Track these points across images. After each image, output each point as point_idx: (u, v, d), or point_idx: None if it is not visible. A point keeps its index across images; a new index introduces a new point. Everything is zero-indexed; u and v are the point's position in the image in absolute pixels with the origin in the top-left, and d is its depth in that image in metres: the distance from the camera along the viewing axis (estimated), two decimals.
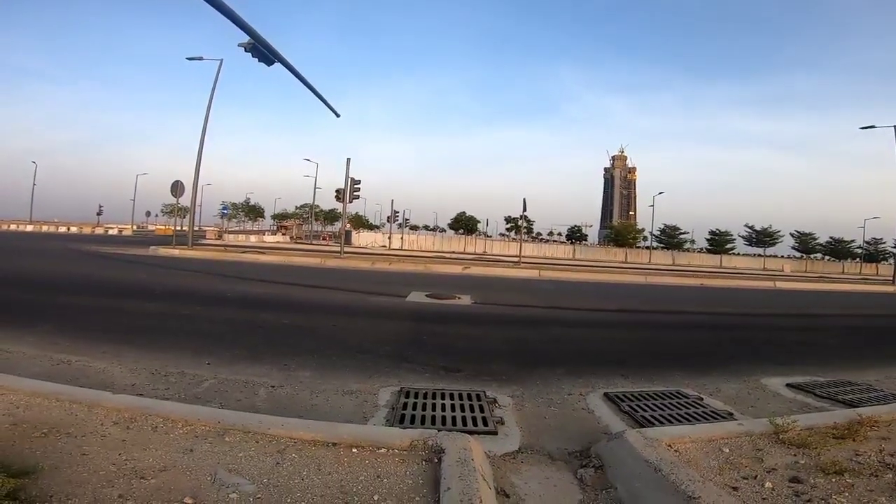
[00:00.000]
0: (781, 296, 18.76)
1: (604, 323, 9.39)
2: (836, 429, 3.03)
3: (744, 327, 9.69)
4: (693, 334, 8.52)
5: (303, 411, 3.46)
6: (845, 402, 4.30)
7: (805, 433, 2.91)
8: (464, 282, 15.36)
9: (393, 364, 4.95)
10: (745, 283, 23.32)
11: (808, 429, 3.01)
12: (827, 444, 2.80)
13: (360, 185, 23.81)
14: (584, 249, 73.43)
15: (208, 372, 4.31)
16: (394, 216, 53.16)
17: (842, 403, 4.25)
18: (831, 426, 3.08)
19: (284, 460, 2.37)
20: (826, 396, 4.50)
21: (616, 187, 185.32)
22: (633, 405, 3.94)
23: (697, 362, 5.88)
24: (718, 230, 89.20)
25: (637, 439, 2.73)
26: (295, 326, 6.86)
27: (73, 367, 4.24)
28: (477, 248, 62.35)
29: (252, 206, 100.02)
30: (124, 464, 2.23)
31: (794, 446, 2.80)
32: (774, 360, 6.23)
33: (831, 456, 2.64)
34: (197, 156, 22.90)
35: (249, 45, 9.88)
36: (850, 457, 2.68)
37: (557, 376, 4.82)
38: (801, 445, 2.79)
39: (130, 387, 3.80)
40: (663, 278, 22.88)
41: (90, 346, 4.94)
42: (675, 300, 14.41)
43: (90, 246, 25.16)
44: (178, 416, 2.77)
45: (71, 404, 2.87)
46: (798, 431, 2.91)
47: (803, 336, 8.97)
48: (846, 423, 3.08)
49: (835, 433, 2.97)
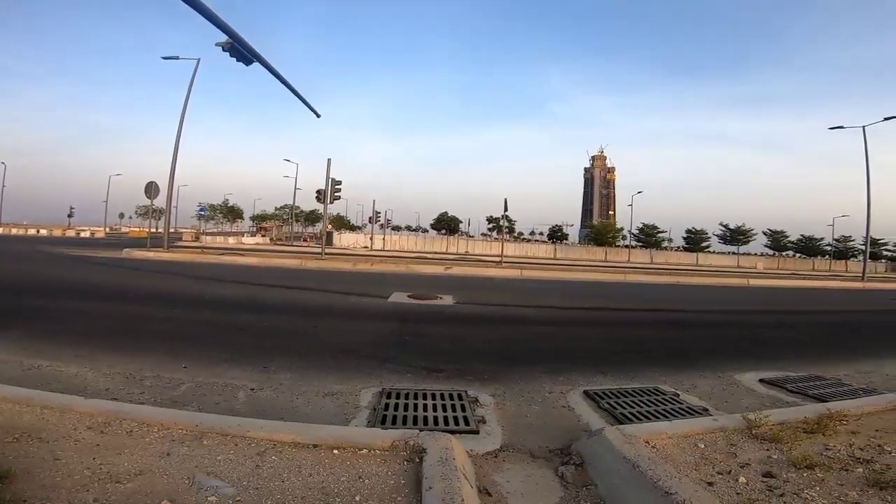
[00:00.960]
0: (755, 293, 19.18)
1: (584, 321, 9.50)
2: (807, 423, 3.10)
3: (719, 324, 9.89)
4: (670, 331, 8.66)
5: (283, 413, 3.43)
6: (815, 396, 4.41)
7: (777, 428, 2.99)
8: (446, 282, 15.38)
9: (374, 365, 4.93)
10: (719, 281, 23.84)
11: (780, 423, 3.08)
12: (798, 439, 2.88)
13: (341, 185, 23.58)
14: (565, 248, 74.08)
15: (185, 375, 4.23)
16: (375, 217, 52.99)
17: (812, 398, 4.36)
18: (802, 421, 3.16)
19: (264, 463, 2.35)
20: (797, 391, 4.61)
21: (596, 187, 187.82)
22: (612, 402, 4.00)
23: (674, 359, 5.98)
24: (694, 229, 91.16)
25: (616, 436, 2.77)
26: (275, 328, 6.78)
27: (44, 372, 4.13)
28: (459, 248, 62.37)
29: (230, 207, 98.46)
30: (99, 468, 2.19)
31: (766, 441, 2.87)
32: (748, 355, 6.37)
33: (802, 450, 2.71)
34: (172, 156, 22.40)
35: (227, 44, 9.76)
36: (820, 451, 2.76)
37: (538, 375, 4.86)
38: (773, 440, 2.86)
39: (104, 391, 3.72)
40: (641, 276, 23.23)
41: (62, 350, 4.81)
42: (653, 298, 14.63)
43: (62, 249, 24.48)
44: (153, 419, 2.72)
45: (42, 409, 2.79)
46: (770, 426, 2.99)
47: (776, 332, 9.19)
48: (816, 417, 3.16)
49: (805, 427, 3.05)
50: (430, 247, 61.49)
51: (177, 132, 22.66)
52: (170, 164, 22.35)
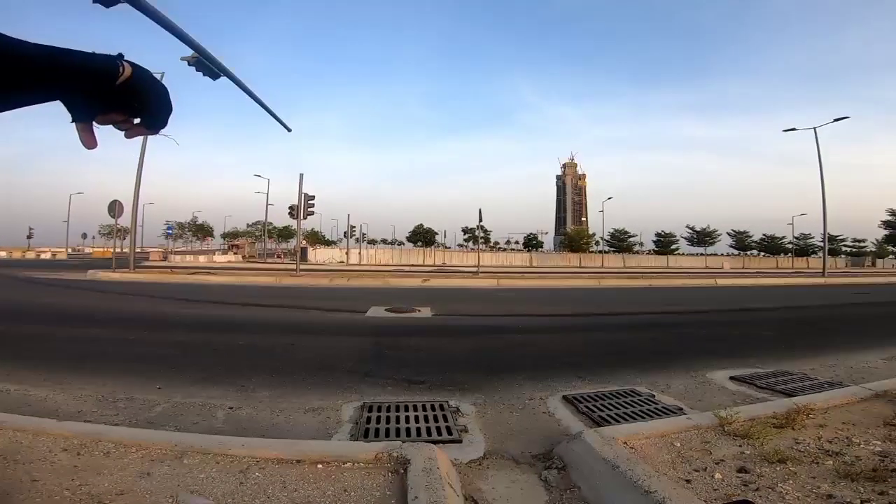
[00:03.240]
0: (722, 292, 19.67)
1: (561, 327, 9.62)
2: (776, 418, 3.22)
3: (690, 324, 10.10)
4: (644, 334, 8.84)
5: (264, 431, 3.40)
6: (783, 391, 4.56)
7: (748, 424, 3.09)
8: (423, 294, 15.37)
9: (355, 379, 4.90)
10: (689, 282, 24.44)
11: (751, 419, 3.19)
12: (769, 434, 2.97)
13: (314, 200, 23.36)
14: (541, 256, 74.84)
15: (160, 396, 4.14)
16: (351, 231, 52.64)
17: (780, 393, 4.51)
18: (771, 416, 3.28)
19: (248, 479, 2.33)
20: (766, 387, 4.77)
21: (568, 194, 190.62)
22: (591, 406, 4.08)
23: (649, 361, 6.10)
24: (664, 232, 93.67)
25: (595, 439, 2.84)
26: (251, 347, 6.68)
27: (12, 396, 4.01)
28: (436, 259, 62.40)
29: (200, 224, 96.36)
30: (79, 489, 2.14)
31: (738, 437, 2.97)
32: (718, 354, 6.54)
33: (773, 445, 2.81)
34: (137, 173, 21.80)
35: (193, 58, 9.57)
36: (790, 445, 2.87)
37: (518, 382, 4.91)
38: (744, 436, 2.96)
39: (77, 413, 3.62)
40: (615, 281, 23.65)
41: (29, 374, 4.67)
42: (627, 301, 14.90)
43: (22, 271, 23.62)
44: (130, 440, 2.67)
45: (14, 432, 2.72)
46: (741, 422, 3.09)
47: (744, 330, 9.45)
48: (785, 412, 3.29)
49: (775, 422, 3.16)
50: (407, 259, 61.35)
51: (141, 148, 22.14)
52: (134, 181, 21.81)
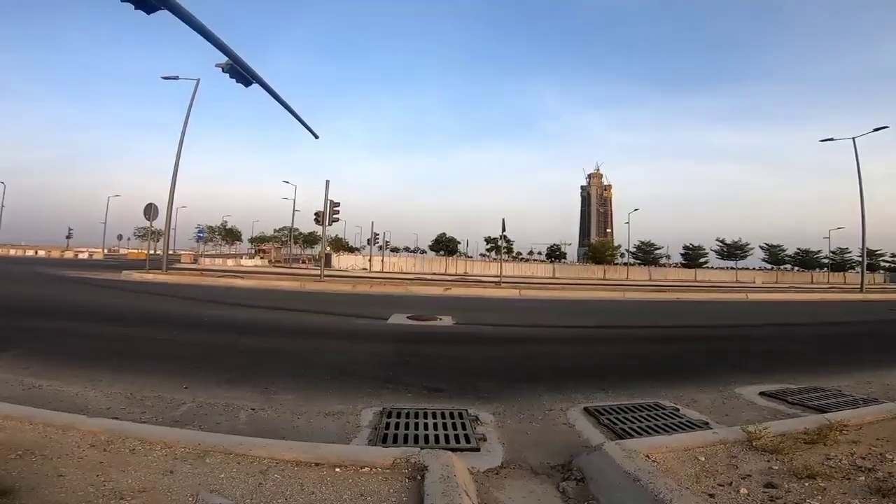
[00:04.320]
0: (754, 307, 19.17)
1: (583, 339, 9.49)
2: (807, 434, 3.13)
3: (719, 339, 9.88)
4: (670, 347, 8.66)
5: (285, 433, 3.44)
6: (815, 407, 4.43)
7: (777, 439, 3.01)
8: (445, 303, 15.35)
9: (375, 385, 4.93)
10: (718, 296, 23.82)
11: (781, 435, 3.11)
12: (799, 449, 2.89)
13: (339, 207, 23.67)
14: (564, 267, 74.01)
15: (187, 395, 4.24)
16: (374, 238, 52.98)
17: (812, 409, 4.38)
18: (802, 431, 3.19)
19: (267, 481, 2.36)
20: (797, 403, 4.64)
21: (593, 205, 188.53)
22: (613, 418, 4.01)
23: (674, 374, 5.98)
24: (692, 245, 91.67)
25: (616, 451, 2.79)
26: (275, 350, 6.78)
27: (45, 392, 4.15)
28: (458, 269, 62.29)
29: (229, 229, 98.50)
30: (103, 485, 2.20)
31: (767, 452, 2.89)
32: (748, 369, 6.37)
33: (803, 460, 2.73)
34: (172, 177, 22.26)
35: (227, 65, 9.87)
36: (821, 461, 2.78)
37: (538, 392, 4.86)
38: (773, 451, 2.88)
39: (106, 410, 3.73)
40: (640, 293, 23.22)
41: (62, 370, 4.84)
42: (652, 314, 14.62)
43: (60, 270, 24.48)
44: (156, 438, 2.74)
45: (45, 427, 2.81)
46: (771, 438, 3.01)
47: (775, 345, 9.20)
48: (816, 428, 3.19)
49: (806, 438, 3.07)
50: (429, 268, 61.46)
51: (176, 153, 22.60)
52: (169, 186, 22.21)
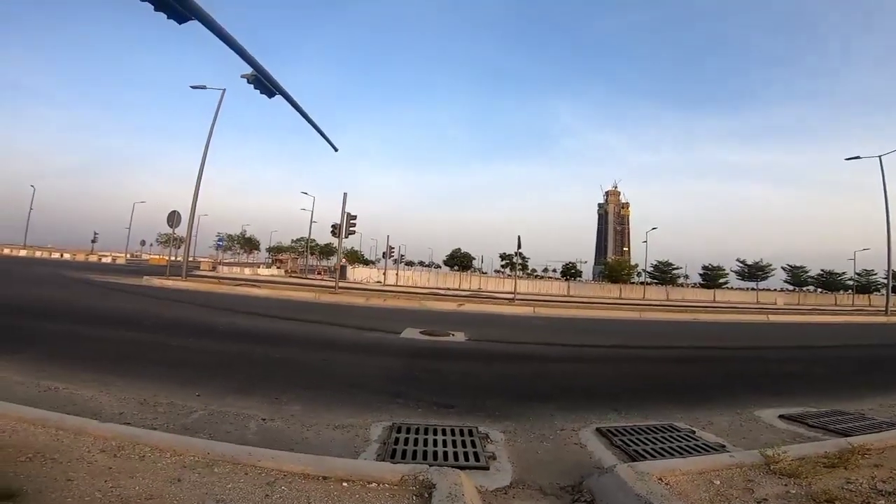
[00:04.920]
0: (775, 329, 18.76)
1: (597, 359, 9.35)
2: (828, 457, 3.06)
3: (737, 360, 9.68)
4: (687, 369, 8.49)
5: (293, 445, 3.44)
6: (837, 431, 4.33)
7: (796, 463, 2.94)
8: (458, 318, 15.30)
9: (385, 399, 4.91)
10: (738, 317, 23.35)
11: (800, 458, 3.04)
12: (818, 473, 2.83)
13: (356, 220, 23.85)
14: (579, 286, 73.40)
15: (198, 403, 4.27)
16: (389, 252, 53.30)
17: (834, 433, 4.29)
18: (822, 455, 3.11)
19: (274, 492, 2.35)
20: (818, 426, 4.53)
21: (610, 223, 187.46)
22: (626, 439, 3.93)
23: (690, 396, 5.87)
24: (711, 265, 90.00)
25: (628, 473, 2.73)
26: (287, 360, 6.81)
27: (60, 395, 4.22)
28: (472, 284, 62.16)
29: (248, 238, 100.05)
30: (110, 491, 2.21)
31: (785, 476, 2.82)
32: (767, 392, 6.25)
33: (823, 484, 2.66)
34: (195, 186, 22.64)
35: (252, 76, 10.06)
36: (841, 485, 2.71)
37: (550, 412, 4.80)
38: (792, 475, 2.80)
39: (118, 415, 3.77)
40: (657, 314, 22.85)
41: (78, 373, 4.91)
42: (669, 335, 14.38)
43: (83, 273, 25.04)
44: (166, 445, 2.75)
45: (57, 430, 2.85)
46: (789, 461, 2.93)
47: (796, 368, 8.97)
48: (837, 451, 3.12)
49: (826, 462, 3.00)
50: (443, 283, 61.38)
51: (201, 162, 22.92)
52: (192, 194, 22.53)
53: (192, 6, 6.74)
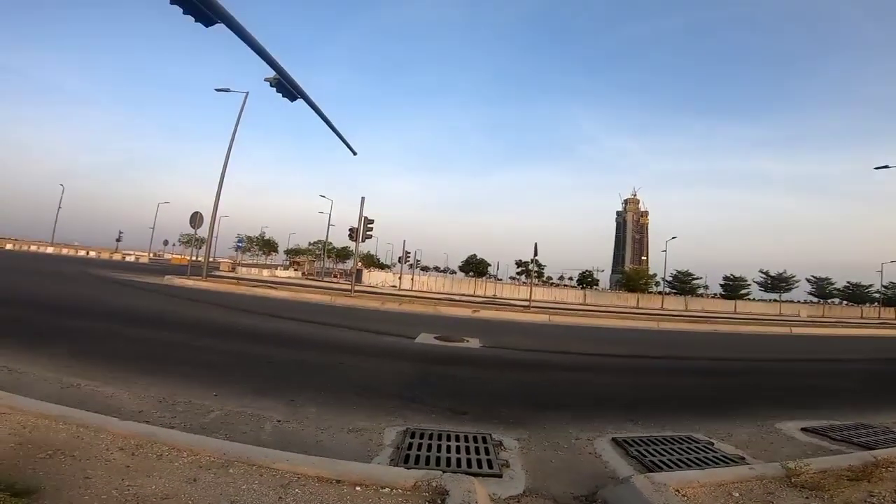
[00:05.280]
0: (798, 341, 18.40)
1: (614, 368, 9.25)
2: (851, 471, 3.01)
3: (758, 372, 9.49)
4: (705, 380, 8.35)
5: (308, 447, 3.45)
6: (861, 444, 4.26)
7: (818, 476, 2.89)
8: (473, 325, 15.26)
9: (399, 404, 4.92)
10: (760, 329, 22.89)
11: (822, 471, 2.99)
12: (841, 486, 2.78)
13: (373, 224, 23.99)
14: (596, 294, 72.61)
15: (216, 403, 4.33)
16: (405, 256, 53.40)
17: (857, 446, 4.22)
18: (846, 468, 3.06)
19: (288, 495, 2.37)
20: (842, 440, 4.46)
21: (628, 231, 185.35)
22: (642, 450, 3.88)
23: (709, 408, 5.79)
24: (733, 276, 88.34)
25: (644, 484, 2.69)
26: (303, 362, 6.86)
27: (82, 391, 4.31)
28: (487, 291, 62.00)
29: (266, 240, 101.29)
30: (127, 489, 2.24)
31: (806, 489, 2.77)
32: (789, 404, 6.14)
33: (845, 497, 2.62)
34: (217, 188, 23.01)
35: (275, 80, 10.16)
36: (864, 497, 2.67)
37: (565, 421, 4.75)
38: (814, 488, 2.76)
39: (138, 413, 3.84)
40: (675, 324, 22.51)
41: (101, 370, 5.02)
42: (688, 346, 14.16)
43: (107, 272, 25.65)
44: (183, 444, 2.79)
45: (78, 428, 2.90)
46: (811, 474, 2.89)
47: (819, 381, 8.80)
48: (861, 464, 3.07)
49: (849, 475, 2.96)
50: (458, 289, 61.31)
51: (223, 164, 23.30)
52: (214, 195, 22.93)
53: (218, 10, 6.87)
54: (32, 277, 18.40)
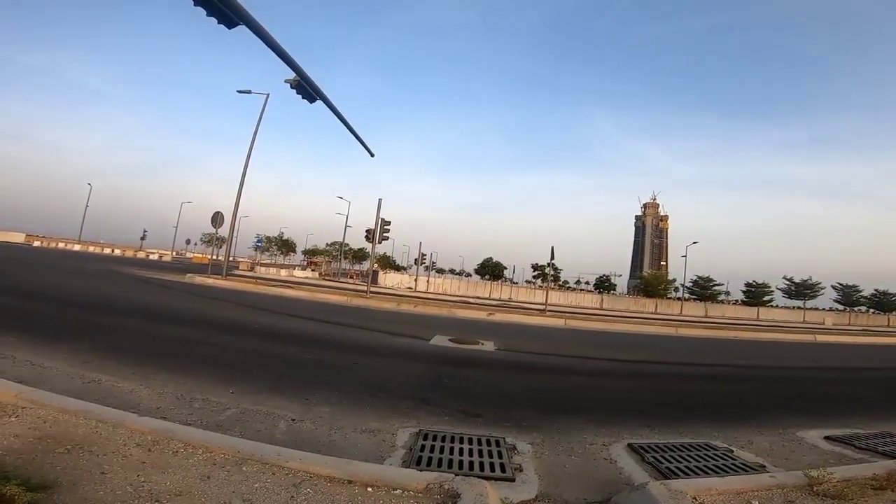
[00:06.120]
0: (822, 349, 17.96)
1: (630, 374, 9.12)
2: (876, 479, 2.95)
3: (780, 380, 9.28)
4: (725, 387, 8.18)
5: (321, 446, 3.47)
6: (886, 453, 4.18)
7: (842, 484, 2.83)
8: (488, 327, 15.21)
9: (413, 405, 4.91)
10: (782, 337, 22.41)
11: (845, 480, 2.92)
12: (865, 495, 2.73)
13: (389, 226, 24.05)
14: (613, 299, 71.72)
15: (232, 401, 4.38)
16: (421, 259, 53.50)
17: (882, 455, 4.14)
18: (870, 477, 3.00)
19: (299, 494, 2.37)
20: (866, 448, 4.37)
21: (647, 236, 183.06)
22: (658, 456, 3.81)
23: (729, 415, 5.67)
24: (755, 282, 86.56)
25: (660, 491, 2.64)
26: (318, 362, 6.90)
27: (102, 386, 4.39)
28: (502, 294, 61.66)
29: (285, 240, 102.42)
30: (141, 486, 2.27)
31: (829, 498, 2.71)
32: (812, 413, 6.02)
33: None
34: (238, 188, 23.21)
35: (295, 81, 10.22)
36: None
37: (579, 425, 4.70)
38: (836, 497, 2.70)
39: (156, 409, 3.89)
40: (695, 330, 22.12)
41: (121, 366, 5.11)
42: (707, 352, 13.92)
43: (131, 269, 26.20)
44: (198, 442, 2.82)
45: (97, 423, 2.95)
46: (834, 483, 2.82)
47: (844, 389, 8.59)
48: (886, 473, 3.01)
49: (874, 484, 2.89)
50: (474, 291, 61.12)
51: (244, 165, 23.45)
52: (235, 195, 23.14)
53: (240, 12, 6.95)
54: (59, 274, 18.85)
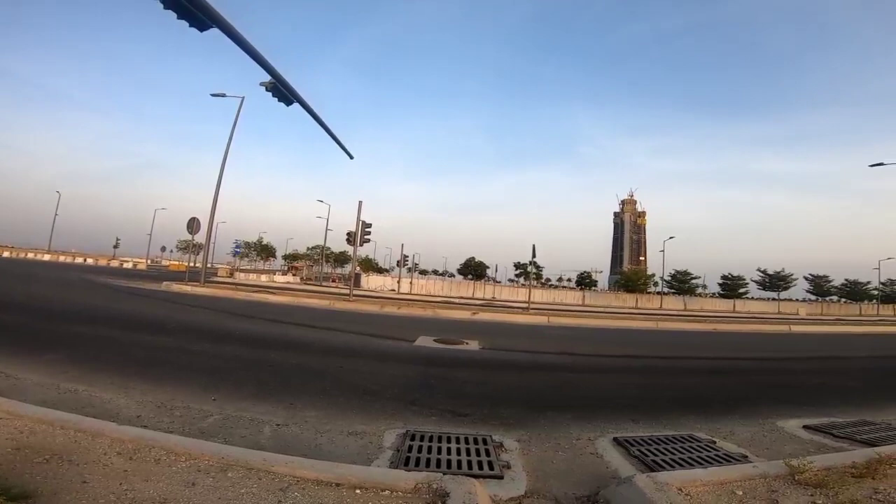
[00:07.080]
0: (797, 339, 18.44)
1: (614, 368, 9.23)
2: (855, 468, 3.02)
3: (759, 371, 9.50)
4: (706, 379, 8.34)
5: (307, 450, 3.43)
6: (864, 441, 4.26)
7: (822, 473, 2.89)
8: (472, 327, 15.23)
9: (399, 407, 4.89)
10: (759, 328, 22.94)
11: (826, 469, 2.99)
12: (845, 483, 2.78)
13: (371, 228, 23.93)
14: (594, 295, 72.61)
15: (214, 407, 4.30)
16: (403, 260, 53.34)
17: (861, 443, 4.23)
18: (849, 465, 3.07)
19: (287, 498, 2.34)
20: (844, 437, 4.46)
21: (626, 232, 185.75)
22: (644, 449, 3.86)
23: (711, 407, 5.77)
24: (731, 275, 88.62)
25: (647, 483, 2.67)
26: (302, 366, 6.83)
27: (79, 396, 4.28)
28: (486, 293, 61.93)
29: (264, 245, 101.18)
30: (124, 494, 2.22)
31: (810, 486, 2.76)
32: (791, 402, 6.15)
33: (849, 494, 2.62)
34: (214, 193, 22.90)
35: (270, 84, 10.10)
36: (868, 494, 2.67)
37: (566, 421, 4.74)
38: (818, 485, 2.75)
39: (136, 418, 3.81)
40: (675, 324, 22.53)
41: (98, 376, 4.99)
42: (687, 346, 14.16)
43: (105, 278, 25.58)
44: (181, 449, 2.77)
45: (76, 433, 2.88)
46: (815, 472, 2.89)
47: (820, 378, 8.80)
48: (865, 461, 3.08)
49: (853, 472, 2.96)
50: (457, 291, 61.28)
51: (220, 170, 23.15)
52: (211, 201, 22.79)
53: (212, 14, 6.84)
54: (30, 283, 18.32)
